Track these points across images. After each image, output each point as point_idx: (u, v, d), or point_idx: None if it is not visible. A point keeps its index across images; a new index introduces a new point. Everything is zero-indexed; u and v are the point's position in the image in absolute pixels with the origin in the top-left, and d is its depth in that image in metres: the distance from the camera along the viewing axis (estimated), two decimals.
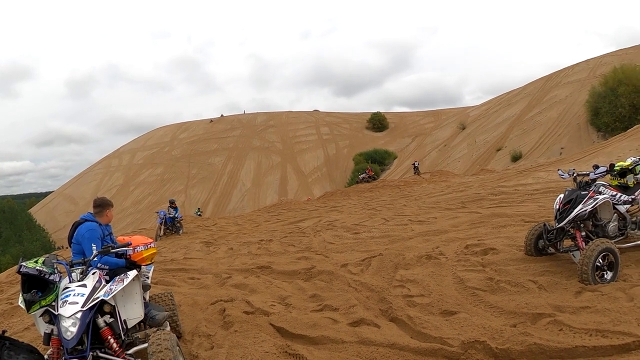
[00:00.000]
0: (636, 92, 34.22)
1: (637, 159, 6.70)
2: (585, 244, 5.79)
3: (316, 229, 13.04)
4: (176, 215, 18.86)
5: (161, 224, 18.45)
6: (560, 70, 54.84)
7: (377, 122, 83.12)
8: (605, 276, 5.49)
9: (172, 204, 19.33)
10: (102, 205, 5.24)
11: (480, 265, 6.67)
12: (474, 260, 6.97)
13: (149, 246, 5.28)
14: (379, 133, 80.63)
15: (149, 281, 5.35)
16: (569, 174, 6.53)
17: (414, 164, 39.06)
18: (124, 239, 5.45)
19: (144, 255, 5.18)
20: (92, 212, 5.25)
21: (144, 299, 4.99)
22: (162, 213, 18.68)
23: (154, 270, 9.55)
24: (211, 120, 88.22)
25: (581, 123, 40.18)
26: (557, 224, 6.09)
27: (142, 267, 5.23)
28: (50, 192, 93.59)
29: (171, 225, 18.68)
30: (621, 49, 50.92)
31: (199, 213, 37.56)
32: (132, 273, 4.42)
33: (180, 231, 18.56)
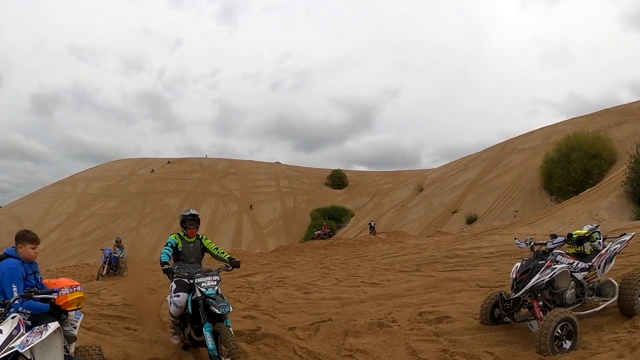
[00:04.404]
0: (588, 157, 35.94)
1: (594, 227, 6.75)
2: (543, 313, 5.67)
3: (266, 285, 12.52)
4: (121, 255, 18.04)
5: (105, 262, 17.60)
6: (516, 137, 57.03)
7: (337, 179, 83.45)
8: (564, 345, 5.33)
9: (119, 243, 18.53)
10: (17, 238, 4.69)
11: (434, 335, 6.35)
12: (428, 329, 6.64)
13: (74, 289, 4.73)
14: (338, 190, 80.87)
15: (75, 332, 4.80)
16: (525, 243, 6.44)
17: (370, 223, 39.02)
18: (49, 281, 4.92)
19: (69, 299, 4.63)
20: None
21: (68, 352, 4.51)
22: (107, 251, 17.88)
23: (87, 314, 8.88)
24: (152, 170, 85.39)
25: (535, 187, 41.48)
26: (513, 293, 5.97)
27: (70, 314, 4.73)
28: None
29: (115, 266, 17.79)
30: (574, 117, 53.56)
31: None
32: (53, 325, 3.96)
33: (124, 273, 17.68)
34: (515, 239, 7.08)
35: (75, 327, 4.82)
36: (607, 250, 6.46)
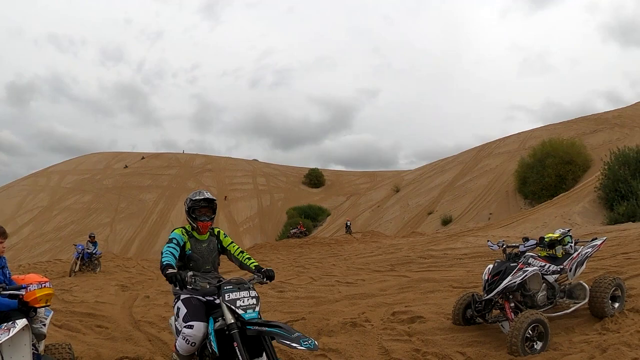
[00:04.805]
0: (562, 163, 36.83)
1: (566, 231, 6.81)
2: (514, 315, 5.69)
3: None
4: (94, 252, 17.75)
5: (78, 258, 17.23)
6: (492, 141, 57.93)
7: (314, 178, 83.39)
8: (535, 346, 5.36)
9: (92, 239, 18.23)
10: None
11: (407, 335, 6.33)
12: (401, 329, 6.63)
13: (43, 285, 4.56)
14: (314, 189, 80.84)
15: (45, 329, 4.67)
16: (498, 246, 6.46)
17: (346, 222, 39.14)
18: (18, 277, 4.80)
19: (37, 296, 4.46)
20: None
21: (37, 350, 4.39)
22: (80, 247, 17.50)
23: (59, 311, 8.68)
24: (125, 167, 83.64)
25: (509, 191, 42.12)
26: (485, 295, 5.98)
27: (40, 311, 4.60)
28: None
29: (88, 262, 17.46)
30: (550, 124, 54.79)
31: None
32: (21, 322, 3.88)
33: (97, 269, 17.43)
34: (488, 241, 7.14)
35: (44, 325, 4.70)
36: (578, 253, 6.54)
